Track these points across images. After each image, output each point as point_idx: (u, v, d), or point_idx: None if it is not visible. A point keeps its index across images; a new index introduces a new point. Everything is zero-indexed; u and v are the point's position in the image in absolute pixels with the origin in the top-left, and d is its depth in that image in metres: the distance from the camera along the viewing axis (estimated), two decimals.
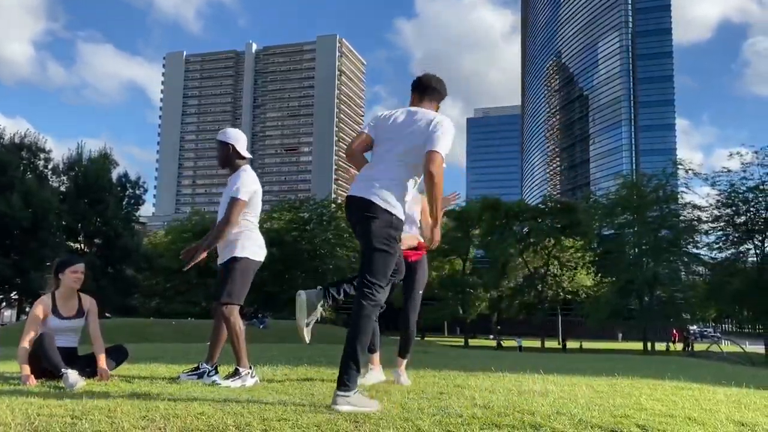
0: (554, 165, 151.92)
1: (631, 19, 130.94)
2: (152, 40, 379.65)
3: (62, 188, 49.24)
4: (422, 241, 4.72)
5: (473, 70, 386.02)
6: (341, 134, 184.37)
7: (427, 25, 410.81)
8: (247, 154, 4.64)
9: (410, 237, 4.71)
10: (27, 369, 4.35)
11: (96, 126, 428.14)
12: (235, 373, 4.30)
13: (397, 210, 3.38)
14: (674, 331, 53.82)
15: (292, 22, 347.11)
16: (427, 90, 3.74)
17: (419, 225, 4.82)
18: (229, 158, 4.58)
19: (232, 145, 4.59)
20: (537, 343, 53.64)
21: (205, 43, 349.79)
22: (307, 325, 3.83)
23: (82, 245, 50.07)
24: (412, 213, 4.76)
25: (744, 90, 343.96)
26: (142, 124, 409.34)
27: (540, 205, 61.75)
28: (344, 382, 3.15)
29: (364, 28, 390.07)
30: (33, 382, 4.25)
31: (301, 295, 3.81)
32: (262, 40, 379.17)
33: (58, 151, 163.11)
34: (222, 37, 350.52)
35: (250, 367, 4.44)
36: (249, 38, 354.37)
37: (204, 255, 4.37)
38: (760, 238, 41.68)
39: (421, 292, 4.65)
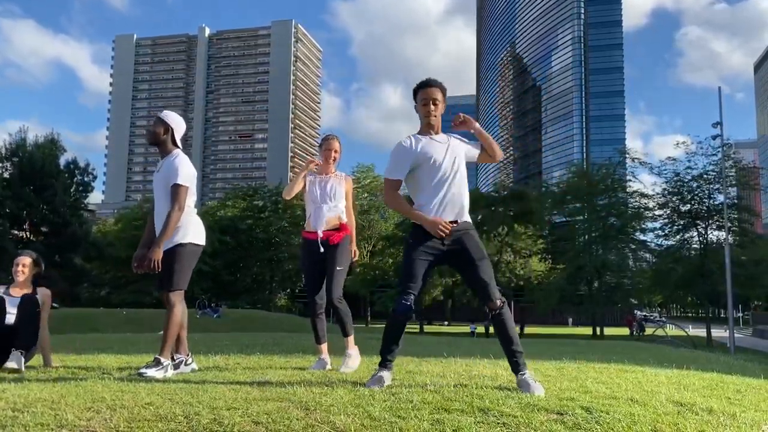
0: (508, 154, 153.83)
1: (583, 11, 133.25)
2: (75, 15, 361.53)
3: (5, 174, 47.46)
4: (345, 221, 4.73)
5: (414, 55, 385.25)
6: (297, 121, 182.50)
7: (364, 6, 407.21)
8: (179, 144, 4.58)
9: (334, 218, 4.71)
10: None
11: (24, 108, 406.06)
12: (157, 363, 4.13)
13: None
14: (629, 318, 55.49)
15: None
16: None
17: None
18: (163, 139, 4.48)
19: (172, 129, 4.51)
20: (491, 329, 54.62)
21: (135, 21, 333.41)
22: None
23: (28, 233, 48.43)
24: (336, 192, 4.75)
25: (677, 79, 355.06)
26: (74, 107, 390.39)
27: (493, 193, 62.61)
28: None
29: (301, 9, 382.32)
30: None
31: None
32: (203, 19, 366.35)
33: None
34: (153, 17, 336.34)
35: (173, 358, 4.39)
36: (181, 17, 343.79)
37: (161, 253, 4.23)
38: (704, 225, 43.14)
39: (341, 268, 4.57)
